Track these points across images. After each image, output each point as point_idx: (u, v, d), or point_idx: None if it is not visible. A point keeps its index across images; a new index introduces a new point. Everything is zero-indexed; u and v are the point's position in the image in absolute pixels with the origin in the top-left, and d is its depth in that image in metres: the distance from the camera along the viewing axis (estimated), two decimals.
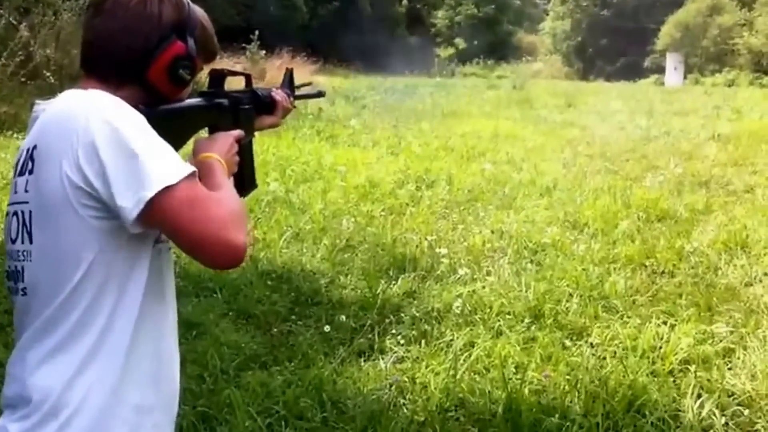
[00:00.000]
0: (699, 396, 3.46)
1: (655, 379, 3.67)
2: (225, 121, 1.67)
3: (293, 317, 4.44)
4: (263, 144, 10.32)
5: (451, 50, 56.55)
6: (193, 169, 1.30)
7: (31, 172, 1.33)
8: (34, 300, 1.35)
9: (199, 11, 1.53)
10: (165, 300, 1.47)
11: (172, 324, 1.52)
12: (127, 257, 1.34)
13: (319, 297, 4.78)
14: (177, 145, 1.44)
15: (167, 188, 1.23)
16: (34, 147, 1.33)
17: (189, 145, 1.61)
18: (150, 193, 1.22)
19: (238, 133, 1.65)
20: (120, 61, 1.41)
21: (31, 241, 1.34)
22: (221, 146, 1.56)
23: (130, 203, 1.23)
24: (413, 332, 4.18)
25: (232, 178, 1.57)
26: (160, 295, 1.44)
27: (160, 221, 1.28)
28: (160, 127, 1.34)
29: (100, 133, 1.24)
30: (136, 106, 1.36)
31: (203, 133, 1.65)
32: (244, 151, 1.70)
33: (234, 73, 1.80)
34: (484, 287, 4.90)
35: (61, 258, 1.31)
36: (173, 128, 1.46)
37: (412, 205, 7.20)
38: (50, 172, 1.28)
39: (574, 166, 9.74)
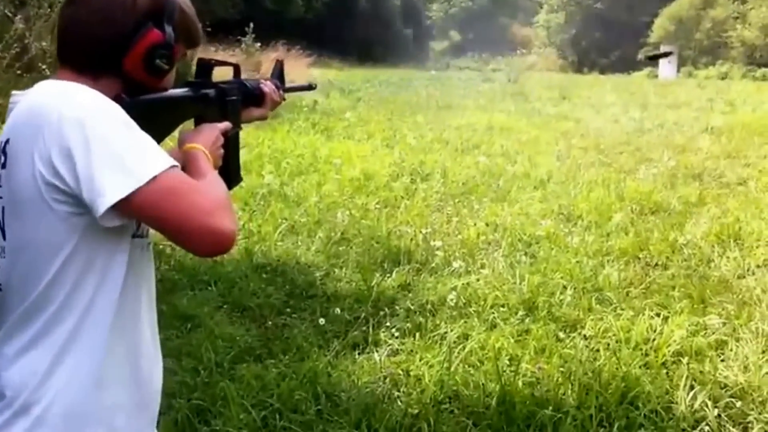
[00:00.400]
0: (692, 388, 3.47)
1: (648, 371, 3.69)
2: (212, 112, 1.63)
3: (288, 310, 4.45)
4: (258, 137, 10.32)
5: (446, 43, 56.55)
6: (173, 162, 1.26)
7: (4, 167, 1.29)
8: (9, 296, 1.33)
9: None
10: (144, 297, 1.44)
11: (151, 322, 1.49)
12: (104, 252, 1.31)
13: (314, 290, 4.79)
14: (162, 135, 1.42)
15: (145, 183, 1.20)
16: (7, 141, 1.29)
17: (174, 137, 1.60)
18: (128, 188, 1.19)
19: (224, 125, 1.62)
20: (94, 50, 1.36)
21: (4, 238, 1.32)
22: (207, 138, 1.52)
23: (104, 199, 1.19)
24: (408, 325, 4.19)
25: (216, 171, 1.52)
26: (138, 291, 1.41)
27: (140, 215, 1.26)
28: (144, 117, 1.31)
29: (72, 127, 1.21)
30: (117, 96, 1.33)
31: (189, 124, 1.62)
32: (231, 143, 1.66)
33: (222, 63, 1.75)
34: (478, 280, 4.91)
35: (36, 254, 1.28)
36: (158, 118, 1.43)
37: (407, 198, 7.21)
38: (23, 168, 1.24)
39: (568, 159, 9.76)
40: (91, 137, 1.20)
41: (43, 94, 1.30)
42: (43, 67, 9.97)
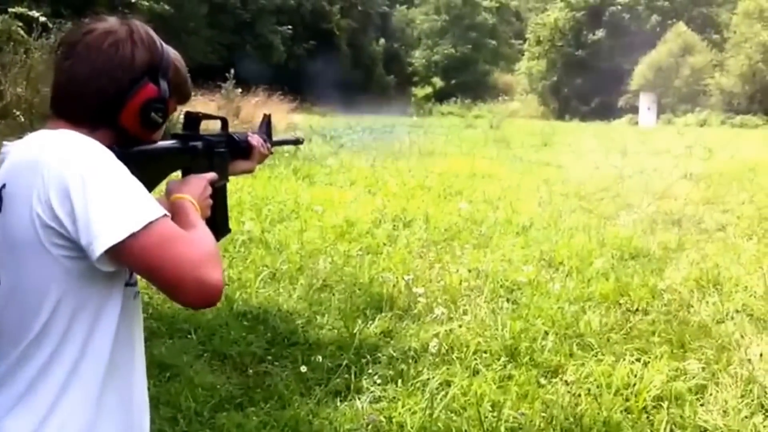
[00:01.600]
0: None
1: (629, 416, 3.70)
2: (199, 164, 1.65)
3: (269, 358, 4.42)
4: (238, 183, 10.33)
5: (428, 89, 57.18)
6: (165, 211, 1.29)
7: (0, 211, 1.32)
8: (2, 341, 1.33)
9: (172, 53, 1.52)
10: (137, 346, 1.46)
11: (141, 370, 1.50)
12: (96, 299, 1.33)
13: (296, 337, 4.77)
14: (150, 186, 1.44)
15: (140, 229, 1.23)
16: (3, 186, 1.31)
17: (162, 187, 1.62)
18: (122, 233, 1.22)
19: (211, 176, 1.64)
20: (92, 104, 1.39)
21: None
22: (194, 189, 1.55)
23: (100, 244, 1.21)
24: (390, 372, 4.18)
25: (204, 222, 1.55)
26: (130, 339, 1.43)
27: (133, 262, 1.27)
28: (134, 167, 1.34)
29: (72, 173, 1.24)
30: (110, 147, 1.36)
31: (177, 175, 1.64)
32: (218, 195, 1.68)
33: (210, 117, 1.78)
34: (460, 326, 4.92)
35: (29, 298, 1.29)
36: (146, 170, 1.46)
37: (389, 245, 7.23)
38: (20, 212, 1.27)
39: (550, 205, 9.85)
40: (90, 182, 1.23)
41: (42, 141, 1.33)
42: (17, 113, 9.96)
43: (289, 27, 39.10)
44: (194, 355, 4.44)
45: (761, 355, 4.49)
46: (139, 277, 1.43)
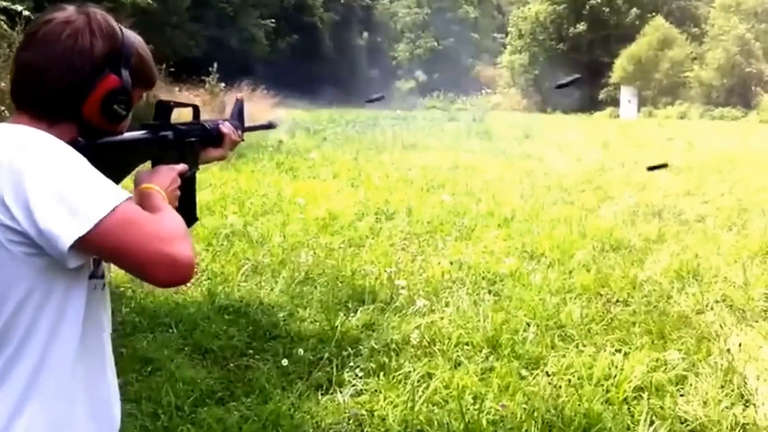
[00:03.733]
0: (652, 423, 3.51)
1: (610, 407, 3.72)
2: (169, 154, 1.64)
3: (251, 352, 4.40)
4: (222, 177, 10.31)
5: (411, 83, 57.20)
6: (128, 194, 1.28)
7: None
8: None
9: (134, 38, 1.47)
10: (103, 337, 1.45)
11: (110, 361, 1.49)
12: (61, 292, 1.31)
13: (278, 330, 4.75)
14: (119, 177, 1.42)
15: (104, 215, 1.21)
16: None
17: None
18: (85, 226, 1.20)
19: (181, 167, 1.62)
20: (52, 96, 1.35)
21: None
22: (163, 179, 1.53)
23: (63, 238, 1.20)
24: (372, 365, 4.18)
25: None
26: (97, 331, 1.42)
27: (101, 249, 1.26)
28: (101, 159, 1.32)
29: (26, 170, 1.22)
30: (75, 140, 1.34)
31: (148, 166, 1.63)
32: (187, 184, 1.67)
33: (181, 105, 1.76)
34: (442, 318, 4.92)
35: None
36: (115, 161, 1.44)
37: (372, 237, 7.22)
38: None
39: (532, 197, 9.88)
40: (45, 180, 1.21)
41: None
42: (2, 108, 9.87)
43: (273, 21, 38.90)
44: (175, 349, 4.42)
45: (740, 345, 4.53)
46: (106, 270, 1.42)
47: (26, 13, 11.46)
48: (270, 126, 2.32)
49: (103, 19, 1.41)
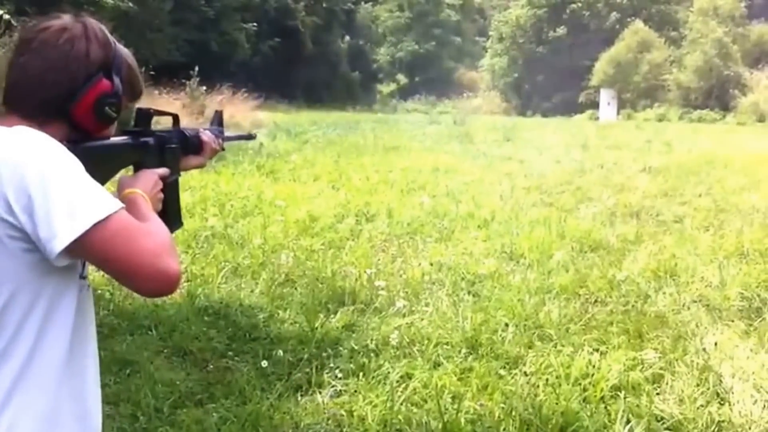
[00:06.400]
0: (628, 421, 3.54)
1: (587, 405, 3.75)
2: (150, 159, 1.67)
3: (230, 353, 4.40)
4: (202, 180, 10.27)
5: (393, 86, 57.29)
6: (122, 204, 1.31)
7: None
8: None
9: (124, 51, 1.54)
10: (89, 336, 1.47)
11: (95, 360, 1.51)
12: (53, 289, 1.34)
13: (258, 332, 4.75)
14: (101, 182, 1.44)
15: (99, 221, 1.24)
16: None
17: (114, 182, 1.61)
18: (80, 228, 1.23)
19: (162, 171, 1.67)
20: (46, 98, 1.41)
21: None
22: (145, 183, 1.57)
23: (58, 238, 1.23)
24: (351, 365, 4.19)
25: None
26: (84, 330, 1.44)
27: (92, 254, 1.29)
28: (87, 162, 1.35)
29: (28, 168, 1.25)
30: (60, 142, 1.36)
31: (128, 171, 1.66)
32: (170, 189, 1.70)
33: (161, 113, 1.80)
34: (422, 319, 4.94)
35: None
36: (97, 165, 1.45)
37: (352, 239, 7.24)
38: None
39: (512, 199, 9.94)
40: (47, 179, 1.25)
41: None
42: None
43: (254, 24, 38.76)
44: (155, 351, 4.41)
45: (716, 344, 4.58)
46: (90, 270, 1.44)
47: (7, 17, 11.40)
48: (249, 137, 2.38)
49: (99, 28, 1.48)
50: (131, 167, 1.67)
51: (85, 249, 1.26)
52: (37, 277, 1.31)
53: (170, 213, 1.72)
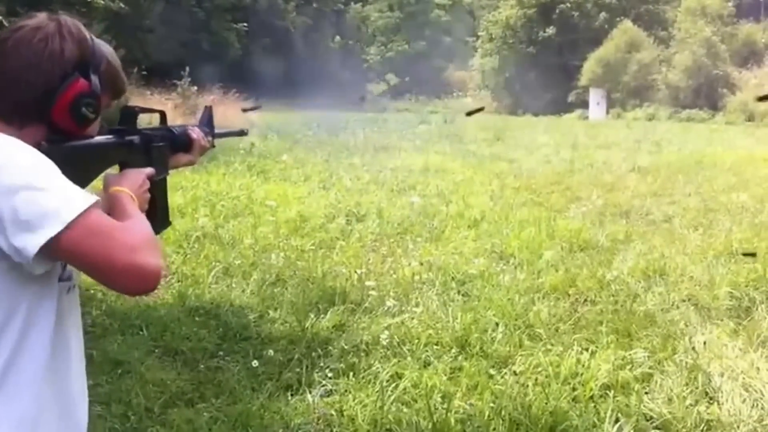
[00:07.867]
0: (617, 420, 3.57)
1: (576, 405, 3.77)
2: (136, 158, 1.65)
3: (221, 353, 4.41)
4: (193, 180, 10.25)
5: (383, 86, 57.26)
6: (96, 198, 1.28)
7: None
8: None
9: (104, 47, 1.51)
10: (73, 340, 1.45)
11: (80, 361, 1.50)
12: (31, 295, 1.32)
13: (248, 332, 4.76)
14: (85, 182, 1.43)
15: (71, 221, 1.22)
16: None
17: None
18: (51, 232, 1.21)
19: (149, 170, 1.64)
20: (21, 99, 1.38)
21: None
22: (132, 181, 1.55)
23: (29, 245, 1.21)
24: (341, 365, 4.20)
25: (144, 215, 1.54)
26: (67, 335, 1.42)
27: (68, 255, 1.27)
28: (67, 163, 1.33)
29: None
30: (38, 143, 1.35)
31: (114, 170, 1.64)
32: (157, 188, 1.68)
33: (147, 110, 1.78)
34: (412, 318, 4.95)
35: None
36: (81, 164, 1.45)
37: (343, 239, 7.24)
38: None
39: (501, 199, 9.97)
40: (14, 184, 1.22)
41: None
42: None
43: (245, 24, 38.70)
44: (146, 351, 4.41)
45: (705, 343, 4.61)
46: (74, 272, 1.43)
47: None
48: (241, 133, 2.35)
49: (74, 25, 1.44)
50: (117, 166, 1.65)
51: (61, 250, 1.24)
52: (15, 283, 1.29)
53: (158, 212, 1.70)
